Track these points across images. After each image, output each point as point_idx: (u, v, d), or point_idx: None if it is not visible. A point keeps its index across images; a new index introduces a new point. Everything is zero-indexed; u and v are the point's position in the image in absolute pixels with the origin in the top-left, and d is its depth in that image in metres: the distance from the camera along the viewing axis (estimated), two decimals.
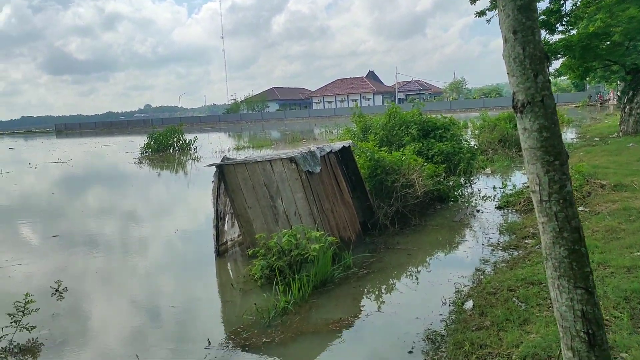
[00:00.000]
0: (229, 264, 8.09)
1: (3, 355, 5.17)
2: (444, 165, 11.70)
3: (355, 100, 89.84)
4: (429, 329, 5.15)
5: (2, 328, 5.42)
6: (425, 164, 10.93)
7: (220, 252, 8.31)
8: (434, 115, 14.02)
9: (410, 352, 4.76)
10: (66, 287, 7.02)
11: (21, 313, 5.56)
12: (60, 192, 17.39)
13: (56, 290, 6.92)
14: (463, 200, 11.67)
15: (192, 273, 7.88)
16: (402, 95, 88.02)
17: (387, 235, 8.85)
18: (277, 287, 6.24)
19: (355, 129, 14.26)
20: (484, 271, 6.75)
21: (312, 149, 8.15)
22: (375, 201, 9.45)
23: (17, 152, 42.83)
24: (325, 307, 5.98)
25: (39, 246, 9.86)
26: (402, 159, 10.18)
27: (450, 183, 11.97)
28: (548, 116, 2.30)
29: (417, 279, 6.97)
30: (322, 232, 6.91)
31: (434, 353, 4.68)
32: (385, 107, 14.38)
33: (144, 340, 5.51)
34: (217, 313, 6.27)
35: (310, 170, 7.67)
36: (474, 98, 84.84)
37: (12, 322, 5.49)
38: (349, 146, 9.31)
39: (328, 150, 8.47)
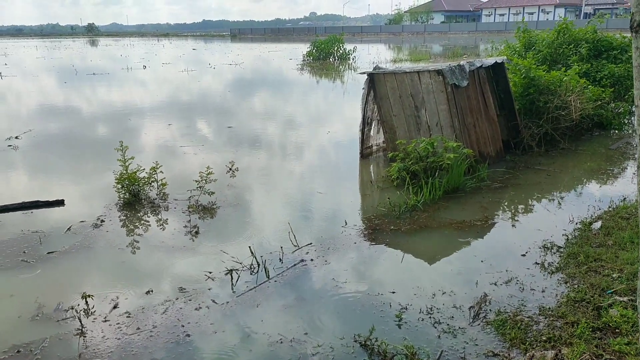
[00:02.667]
0: (371, 166, 8.89)
1: (192, 210, 6.72)
2: (612, 89, 10.79)
3: (533, 14, 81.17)
4: (547, 240, 5.45)
5: (191, 190, 6.99)
6: (589, 86, 10.24)
7: (365, 155, 9.13)
8: (615, 35, 12.63)
9: (523, 255, 5.17)
10: (237, 167, 8.51)
11: (204, 181, 7.07)
12: (234, 91, 19.61)
13: (230, 169, 8.45)
14: (629, 129, 10.79)
15: (338, 169, 8.88)
16: (590, 10, 76.99)
17: (530, 156, 8.82)
18: (409, 187, 6.90)
19: (517, 46, 13.55)
20: (625, 198, 6.60)
21: (461, 63, 8.26)
22: (523, 121, 9.32)
23: (199, 53, 47.84)
24: (452, 209, 6.52)
25: (217, 134, 11.70)
26: (563, 79, 9.68)
27: (618, 110, 11.07)
28: None
29: (550, 198, 7.06)
30: (459, 144, 7.26)
31: (546, 259, 5.03)
32: (557, 22, 13.26)
33: (295, 211, 6.67)
34: (356, 203, 7.18)
35: (456, 83, 7.87)
36: None
37: (198, 187, 7.03)
38: (502, 62, 9.13)
39: (478, 65, 8.48)
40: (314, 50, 33.66)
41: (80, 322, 4.14)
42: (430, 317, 4.12)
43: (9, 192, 7.53)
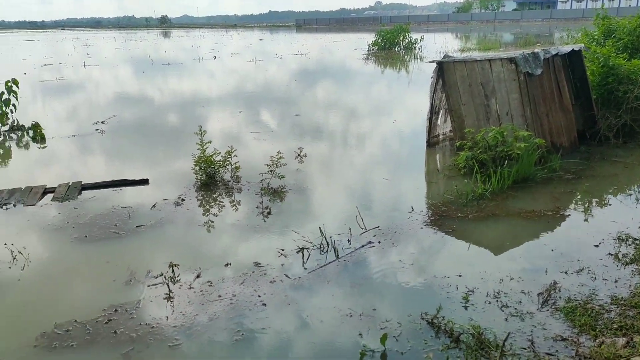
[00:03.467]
0: (437, 155, 8.90)
1: (264, 192, 7.06)
2: None
3: (613, 0, 76.26)
4: (622, 232, 5.32)
5: (262, 173, 7.34)
6: None
7: (431, 144, 9.14)
8: None
9: (596, 246, 5.08)
10: (305, 153, 8.79)
11: (275, 165, 7.39)
12: (300, 80, 19.99)
13: (298, 155, 8.74)
14: None
15: (404, 157, 8.96)
16: None
17: (607, 147, 8.51)
18: (477, 176, 6.89)
19: (595, 33, 12.92)
20: None
21: (536, 50, 8.07)
22: (600, 111, 8.97)
23: (265, 43, 48.81)
24: (521, 199, 6.46)
25: (284, 121, 12.06)
26: None
27: None
28: None
29: (626, 190, 6.83)
30: (530, 133, 7.14)
31: (620, 250, 4.93)
32: None
33: (362, 196, 6.85)
34: (422, 190, 7.27)
35: (529, 72, 7.71)
36: None
37: (269, 171, 7.36)
38: (579, 50, 8.82)
39: (554, 53, 8.25)
40: (379, 40, 33.49)
41: (169, 287, 4.55)
42: (497, 301, 4.19)
43: (98, 172, 8.21)
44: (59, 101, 16.00)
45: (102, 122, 12.09)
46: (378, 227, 5.77)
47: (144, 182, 7.57)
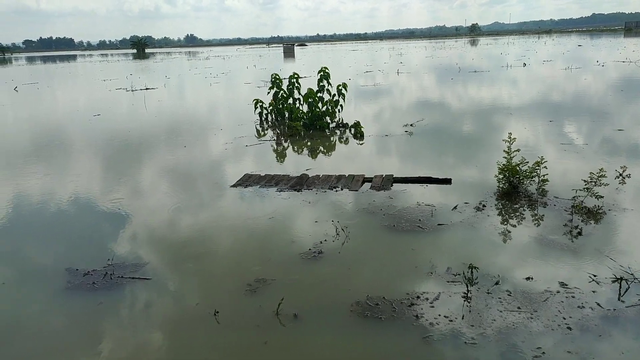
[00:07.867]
0: None
1: (575, 210, 6.45)
2: None
3: None
4: None
5: (576, 190, 6.70)
6: None
7: None
8: None
9: None
10: (629, 174, 7.67)
11: (593, 183, 6.64)
12: (627, 90, 17.40)
13: (620, 174, 7.69)
14: None
15: None
16: None
17: None
18: None
19: None
20: None
21: None
22: None
23: (585, 49, 44.08)
24: None
25: (602, 135, 10.71)
26: None
27: None
28: None
29: None
30: None
31: None
32: None
33: None
34: None
35: None
36: None
37: (584, 188, 6.65)
38: None
39: None
40: None
41: (467, 287, 4.65)
42: None
43: (406, 168, 8.91)
44: (374, 104, 17.91)
45: (411, 125, 13.01)
46: None
47: (447, 181, 7.86)
